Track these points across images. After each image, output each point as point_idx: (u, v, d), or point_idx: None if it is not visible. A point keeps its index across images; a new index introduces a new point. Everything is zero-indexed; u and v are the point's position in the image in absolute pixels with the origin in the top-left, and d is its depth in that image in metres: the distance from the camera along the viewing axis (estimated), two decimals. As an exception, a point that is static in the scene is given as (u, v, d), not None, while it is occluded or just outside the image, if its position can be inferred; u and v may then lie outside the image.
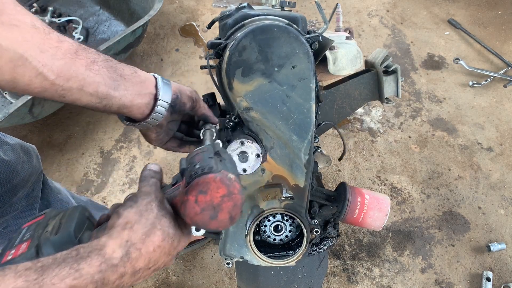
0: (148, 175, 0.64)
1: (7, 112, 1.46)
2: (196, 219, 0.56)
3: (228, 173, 0.57)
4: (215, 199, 0.56)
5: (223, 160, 0.62)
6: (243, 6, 0.94)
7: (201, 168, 0.57)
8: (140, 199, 0.58)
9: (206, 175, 0.56)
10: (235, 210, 0.57)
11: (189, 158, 0.63)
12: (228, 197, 0.56)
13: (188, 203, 0.55)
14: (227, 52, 0.82)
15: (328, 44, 0.98)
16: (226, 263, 1.03)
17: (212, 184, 0.55)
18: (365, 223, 1.04)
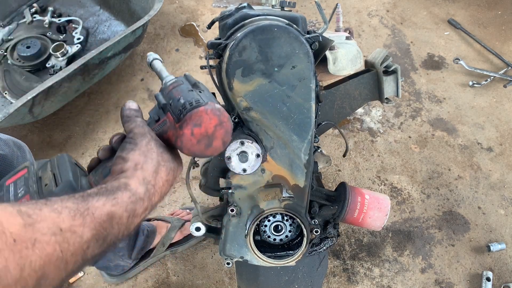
0: (132, 115, 0.64)
1: (7, 112, 1.46)
2: (194, 149, 0.61)
3: (215, 103, 0.61)
4: (209, 130, 0.60)
5: (202, 91, 0.64)
6: (243, 6, 0.94)
7: (189, 103, 0.59)
8: (138, 141, 0.60)
9: (196, 108, 0.59)
10: (227, 136, 0.62)
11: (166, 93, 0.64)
12: (220, 126, 0.60)
13: (185, 136, 0.59)
14: (227, 52, 0.82)
15: (328, 44, 0.99)
16: (226, 263, 1.03)
17: (205, 116, 0.59)
18: (365, 223, 1.04)
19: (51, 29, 2.07)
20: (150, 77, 2.16)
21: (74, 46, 1.98)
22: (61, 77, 1.55)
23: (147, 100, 2.07)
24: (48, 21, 2.09)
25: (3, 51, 1.96)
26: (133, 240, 1.42)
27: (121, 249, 1.40)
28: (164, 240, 1.51)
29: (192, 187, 1.29)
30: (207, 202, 1.71)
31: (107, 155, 0.64)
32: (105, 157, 0.64)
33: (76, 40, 2.03)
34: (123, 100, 2.07)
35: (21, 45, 1.94)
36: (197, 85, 0.65)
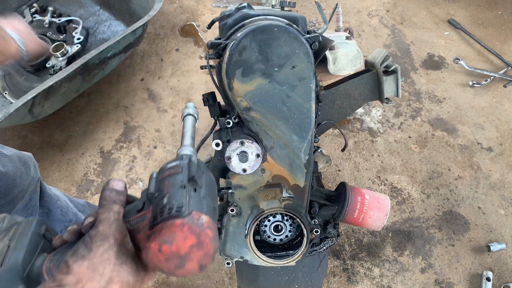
0: (109, 199, 0.55)
1: (7, 112, 1.46)
2: (160, 266, 0.49)
3: (200, 216, 0.50)
4: (182, 250, 0.48)
5: (198, 189, 0.53)
6: (243, 6, 0.94)
7: (169, 208, 0.49)
8: (95, 246, 0.50)
9: (172, 220, 0.48)
10: (206, 260, 0.50)
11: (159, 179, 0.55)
12: (197, 247, 0.49)
13: (151, 251, 0.48)
14: (227, 52, 0.82)
15: (328, 44, 0.99)
16: (226, 263, 1.03)
17: (178, 233, 0.48)
18: (365, 223, 1.04)
19: (51, 29, 2.07)
20: (150, 77, 2.16)
21: (74, 46, 1.98)
22: (61, 77, 1.55)
23: (147, 100, 2.07)
24: (48, 21, 2.09)
25: (3, 51, 1.96)
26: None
27: None
28: None
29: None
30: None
31: (73, 239, 0.56)
32: (71, 240, 0.56)
33: (76, 40, 2.03)
34: (123, 100, 2.07)
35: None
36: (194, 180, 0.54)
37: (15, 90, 1.88)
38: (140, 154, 1.88)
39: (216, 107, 0.99)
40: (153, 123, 1.98)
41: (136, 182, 1.79)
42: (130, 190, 1.76)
